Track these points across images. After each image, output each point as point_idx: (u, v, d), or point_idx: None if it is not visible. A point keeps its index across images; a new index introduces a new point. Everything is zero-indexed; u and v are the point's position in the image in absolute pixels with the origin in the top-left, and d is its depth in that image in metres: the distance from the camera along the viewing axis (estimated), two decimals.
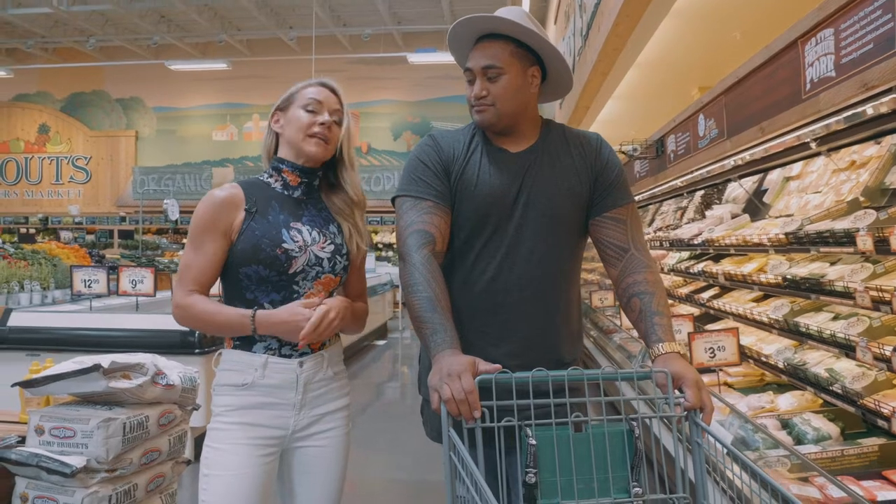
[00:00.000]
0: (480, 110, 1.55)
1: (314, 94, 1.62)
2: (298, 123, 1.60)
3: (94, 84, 18.02)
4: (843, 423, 2.51)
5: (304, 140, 1.60)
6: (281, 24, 15.65)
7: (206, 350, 3.72)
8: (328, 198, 1.71)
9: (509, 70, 1.52)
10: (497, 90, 1.52)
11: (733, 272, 3.45)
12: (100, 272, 4.39)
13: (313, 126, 1.59)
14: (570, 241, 1.60)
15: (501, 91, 1.53)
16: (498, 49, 1.52)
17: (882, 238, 2.07)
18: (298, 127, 1.60)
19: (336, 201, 1.70)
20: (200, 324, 1.56)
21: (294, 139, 1.61)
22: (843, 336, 2.34)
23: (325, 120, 1.60)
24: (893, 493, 1.96)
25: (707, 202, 5.10)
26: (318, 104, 1.61)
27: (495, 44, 1.53)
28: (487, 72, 1.52)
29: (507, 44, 1.53)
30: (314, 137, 1.60)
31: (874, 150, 3.02)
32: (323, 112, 1.61)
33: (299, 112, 1.61)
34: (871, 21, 1.72)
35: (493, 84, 1.52)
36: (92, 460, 1.75)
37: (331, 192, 1.71)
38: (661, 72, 5.62)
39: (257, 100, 17.33)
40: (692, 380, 1.28)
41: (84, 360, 1.85)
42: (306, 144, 1.60)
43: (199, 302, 1.53)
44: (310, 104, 1.61)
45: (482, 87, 1.53)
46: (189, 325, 1.59)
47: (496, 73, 1.52)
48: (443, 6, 14.41)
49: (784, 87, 2.36)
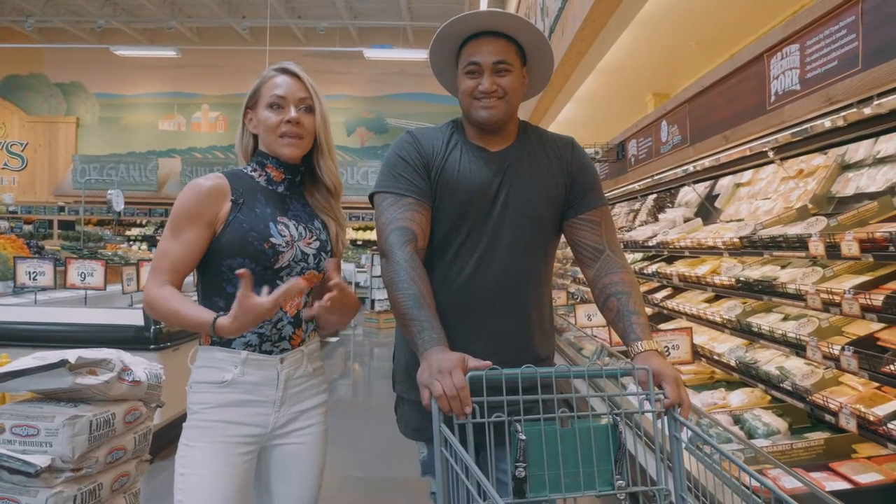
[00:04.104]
0: (490, 105, 1.54)
1: (277, 90, 1.57)
2: (266, 125, 1.57)
3: (33, 67, 17.18)
4: (790, 419, 2.65)
5: (275, 143, 1.57)
6: (233, 13, 15.28)
7: (161, 346, 3.63)
8: (310, 193, 1.69)
9: (515, 67, 1.54)
10: (506, 85, 1.53)
11: (687, 274, 3.58)
12: (46, 264, 4.22)
13: (280, 126, 1.56)
14: (546, 241, 1.64)
15: (511, 86, 1.54)
16: (504, 46, 1.53)
17: (833, 244, 2.19)
18: (266, 129, 1.57)
19: (317, 196, 1.68)
20: (166, 319, 1.50)
21: (267, 142, 1.59)
22: (795, 336, 2.46)
23: (290, 117, 1.56)
24: (840, 483, 2.08)
25: (660, 205, 5.26)
26: (282, 99, 1.56)
27: (500, 41, 1.53)
28: (498, 66, 1.52)
29: (511, 43, 1.54)
30: (284, 138, 1.56)
31: (821, 160, 3.18)
32: (288, 107, 1.56)
33: (265, 113, 1.57)
34: (837, 39, 1.82)
35: (502, 79, 1.53)
36: (57, 459, 1.70)
37: (311, 187, 1.69)
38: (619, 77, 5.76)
39: (207, 90, 16.86)
40: (672, 377, 1.33)
41: (47, 356, 1.79)
42: (279, 147, 1.58)
43: (166, 297, 1.47)
44: (273, 101, 1.57)
45: (492, 81, 1.53)
46: (155, 317, 1.54)
47: (506, 69, 1.53)
48: (400, 3, 14.35)
49: (749, 97, 2.47)
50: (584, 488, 1.23)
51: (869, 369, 2.00)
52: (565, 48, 5.00)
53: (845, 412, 2.10)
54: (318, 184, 1.68)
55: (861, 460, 2.19)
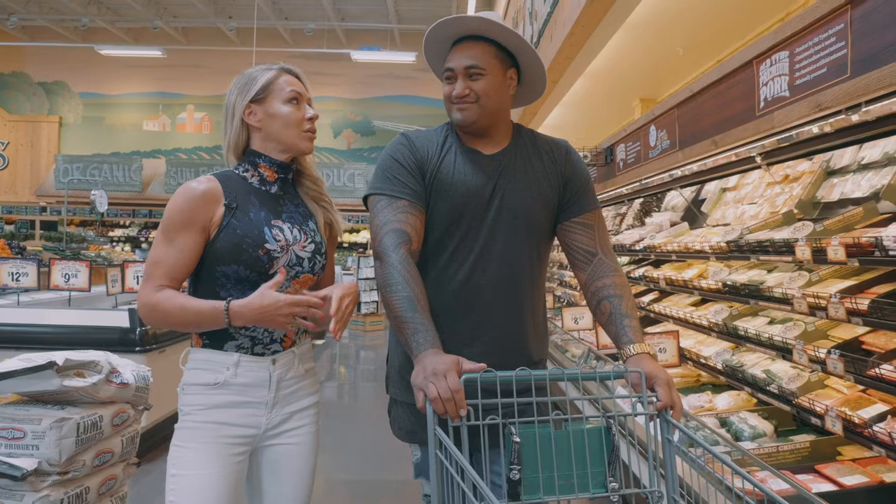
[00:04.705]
0: (462, 108, 1.56)
1: (294, 86, 1.60)
2: (287, 119, 1.57)
3: (14, 65, 16.94)
4: (776, 421, 2.68)
5: (297, 136, 1.59)
6: (220, 13, 15.17)
7: (147, 348, 3.59)
8: (300, 184, 1.70)
9: (491, 71, 1.56)
10: (479, 88, 1.55)
11: (674, 277, 3.61)
12: (29, 265, 4.16)
13: (304, 122, 1.59)
14: (540, 244, 1.65)
15: (484, 89, 1.55)
16: (480, 50, 1.55)
17: (819, 248, 2.22)
18: (288, 123, 1.57)
19: (307, 184, 1.70)
20: (172, 319, 1.47)
21: (283, 135, 1.58)
22: (781, 339, 2.48)
23: (312, 115, 1.60)
24: (826, 485, 2.11)
25: (646, 209, 5.29)
26: (299, 96, 1.60)
27: (477, 45, 1.56)
28: (470, 71, 1.55)
29: (489, 46, 1.56)
30: (307, 133, 1.59)
31: (807, 165, 3.22)
32: (304, 104, 1.60)
33: (282, 107, 1.58)
34: (826, 47, 1.85)
35: (475, 83, 1.55)
36: (44, 462, 1.67)
37: (300, 178, 1.71)
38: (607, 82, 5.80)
39: (192, 90, 16.71)
40: (664, 380, 1.34)
41: (33, 357, 1.77)
42: (299, 141, 1.59)
43: (168, 296, 1.45)
44: (293, 96, 1.59)
45: (465, 86, 1.55)
46: (158, 322, 1.51)
47: (478, 73, 1.55)
48: (388, 5, 14.33)
49: (738, 103, 2.50)
50: (578, 491, 1.24)
51: (855, 372, 2.03)
52: (554, 52, 5.03)
53: (831, 415, 2.12)
54: (304, 177, 1.70)
55: (846, 462, 2.22)
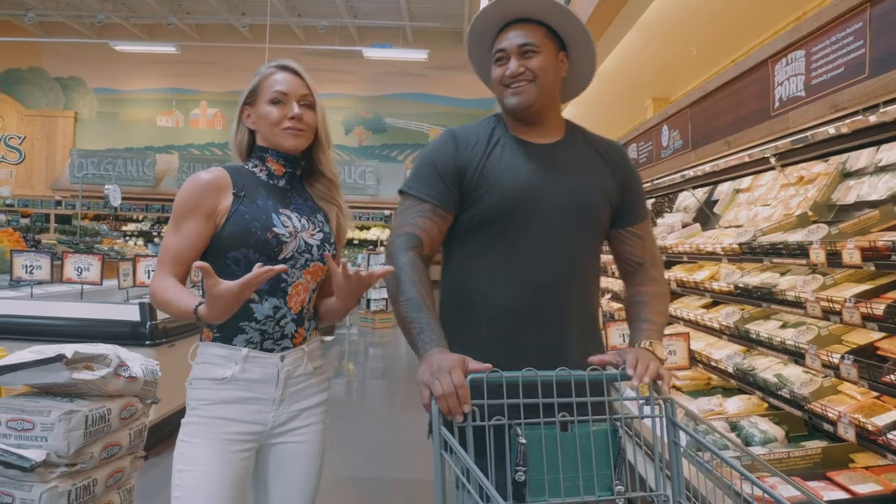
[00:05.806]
0: (518, 90, 1.49)
1: (279, 86, 1.58)
2: (268, 119, 1.57)
3: (32, 61, 17.11)
4: (787, 427, 2.64)
5: (277, 135, 1.58)
6: (233, 10, 15.24)
7: (157, 342, 3.61)
8: (310, 185, 1.70)
9: (544, 49, 1.50)
10: (535, 66, 1.48)
11: (686, 279, 3.58)
12: (43, 258, 4.19)
13: (283, 121, 1.57)
14: (598, 240, 1.60)
15: (540, 66, 1.49)
16: (532, 30, 1.50)
17: (834, 251, 2.19)
18: (268, 123, 1.58)
19: (319, 187, 1.69)
20: (166, 310, 1.50)
21: (268, 136, 1.59)
22: (794, 343, 2.45)
23: (294, 113, 1.57)
24: (838, 493, 2.07)
25: (658, 210, 5.26)
26: (284, 95, 1.57)
27: (527, 26, 1.50)
28: (524, 48, 1.48)
29: (540, 27, 1.51)
30: (287, 130, 1.57)
31: (822, 167, 3.18)
32: (290, 103, 1.57)
33: (267, 108, 1.58)
34: (843, 46, 1.82)
35: (530, 61, 1.49)
36: (52, 454, 1.68)
37: (312, 179, 1.70)
38: (618, 82, 5.77)
39: (206, 86, 16.81)
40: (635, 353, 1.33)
41: (44, 350, 1.78)
42: (281, 139, 1.58)
43: (162, 288, 1.48)
44: (275, 97, 1.57)
45: (519, 64, 1.48)
46: (157, 308, 1.55)
47: (532, 51, 1.49)
48: (400, 2, 14.34)
49: (752, 103, 2.46)
50: (584, 493, 1.22)
51: (869, 378, 2.00)
52: None
53: (844, 421, 2.09)
54: (319, 175, 1.69)
55: (859, 470, 2.19)
